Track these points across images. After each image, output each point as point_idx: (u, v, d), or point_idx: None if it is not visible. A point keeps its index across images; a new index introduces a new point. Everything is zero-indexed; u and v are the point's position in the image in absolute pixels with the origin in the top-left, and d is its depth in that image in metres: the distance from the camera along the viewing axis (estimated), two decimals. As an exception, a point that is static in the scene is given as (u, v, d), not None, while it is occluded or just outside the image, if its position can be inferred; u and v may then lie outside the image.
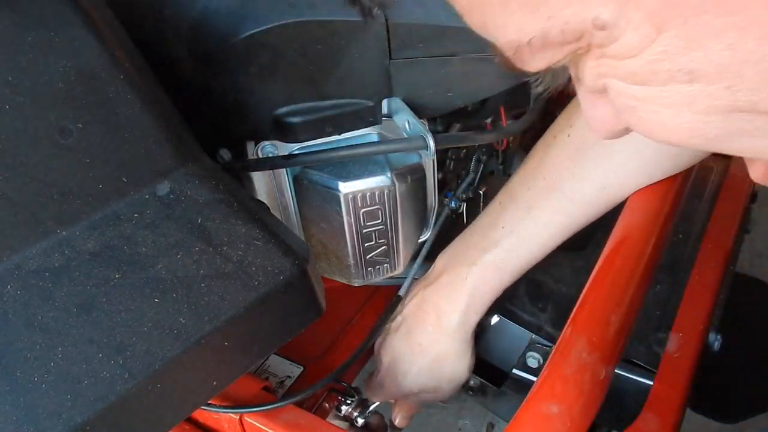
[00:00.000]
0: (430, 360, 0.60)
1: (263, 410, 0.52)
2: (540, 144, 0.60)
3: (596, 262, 0.58)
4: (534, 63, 0.26)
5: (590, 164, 0.56)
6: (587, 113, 0.30)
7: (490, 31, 0.26)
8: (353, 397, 0.63)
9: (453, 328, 0.59)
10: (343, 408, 0.63)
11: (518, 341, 0.66)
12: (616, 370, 0.55)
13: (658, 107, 0.25)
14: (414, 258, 0.64)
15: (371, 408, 0.63)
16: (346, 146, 0.52)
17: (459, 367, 0.61)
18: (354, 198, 0.53)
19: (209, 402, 0.52)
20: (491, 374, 0.65)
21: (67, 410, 0.35)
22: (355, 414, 0.63)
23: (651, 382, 0.56)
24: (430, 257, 0.64)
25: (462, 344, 0.60)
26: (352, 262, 0.57)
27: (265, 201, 0.56)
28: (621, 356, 0.55)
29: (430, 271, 0.62)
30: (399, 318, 0.63)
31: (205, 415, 0.56)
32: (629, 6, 0.22)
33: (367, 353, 0.76)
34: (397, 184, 0.54)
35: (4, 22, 0.34)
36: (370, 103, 0.52)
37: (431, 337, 0.60)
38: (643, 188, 0.58)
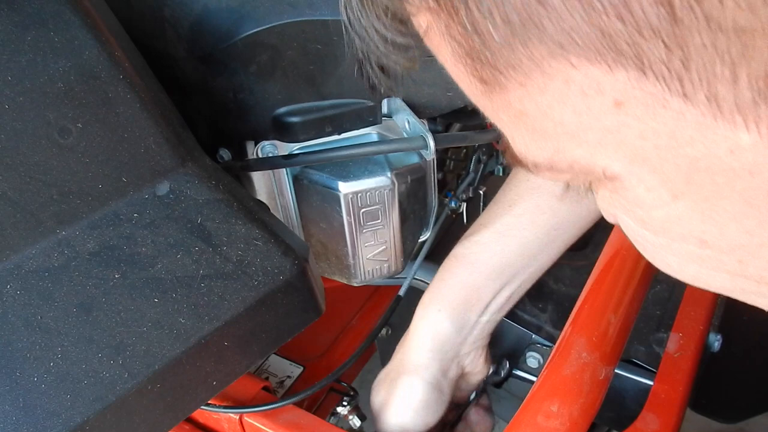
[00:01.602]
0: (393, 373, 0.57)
1: (263, 410, 0.52)
2: None
3: (596, 261, 0.58)
4: (544, 177, 0.25)
5: None
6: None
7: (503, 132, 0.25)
8: (351, 397, 0.63)
9: (415, 326, 0.56)
10: (339, 409, 0.63)
11: (518, 341, 0.66)
12: (616, 370, 0.55)
13: (666, 253, 0.24)
14: (414, 258, 0.64)
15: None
16: (346, 146, 0.52)
17: (418, 382, 0.55)
18: (354, 198, 0.53)
19: (209, 402, 0.52)
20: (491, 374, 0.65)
21: (66, 410, 0.35)
22: (350, 417, 0.63)
23: (651, 382, 0.56)
24: (430, 257, 0.64)
25: (422, 346, 0.56)
26: (352, 262, 0.57)
27: (265, 201, 0.55)
28: (621, 356, 0.55)
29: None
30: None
31: (205, 415, 0.56)
32: (644, 167, 0.21)
33: (367, 353, 0.76)
34: (397, 184, 0.54)
35: (4, 22, 0.34)
36: (370, 103, 0.52)
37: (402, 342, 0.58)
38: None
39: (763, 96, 0.17)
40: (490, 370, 0.62)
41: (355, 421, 0.64)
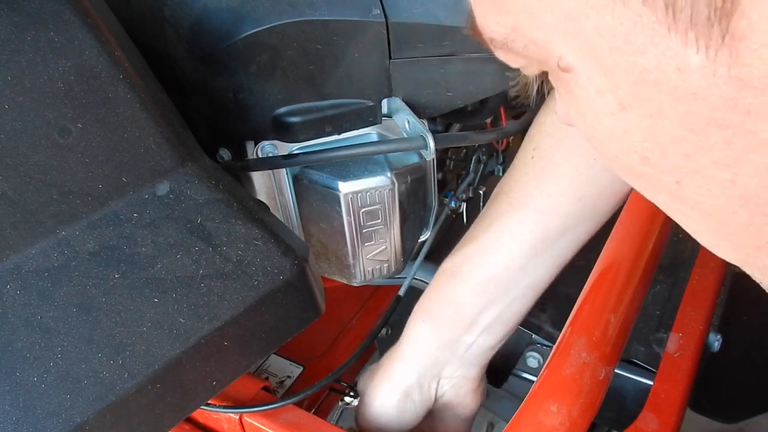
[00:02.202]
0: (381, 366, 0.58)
1: (263, 410, 0.52)
2: (508, 168, 0.57)
3: (596, 261, 0.58)
4: (499, 56, 0.25)
5: (562, 180, 0.52)
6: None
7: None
8: (352, 396, 0.63)
9: (407, 326, 0.56)
10: (340, 403, 0.63)
11: (518, 341, 0.66)
12: (616, 370, 0.55)
13: (612, 165, 0.25)
14: (414, 258, 0.64)
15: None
16: (346, 146, 0.52)
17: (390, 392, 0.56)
18: (354, 198, 0.53)
19: (209, 402, 0.52)
20: (491, 374, 0.65)
21: (66, 410, 0.35)
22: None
23: (651, 382, 0.56)
24: (430, 257, 0.64)
25: (405, 355, 0.56)
26: (352, 262, 0.57)
27: (265, 201, 0.55)
28: (621, 356, 0.55)
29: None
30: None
31: (205, 415, 0.56)
32: (597, 66, 0.21)
33: (367, 353, 0.76)
34: (396, 184, 0.54)
35: (4, 22, 0.34)
36: (370, 103, 0.52)
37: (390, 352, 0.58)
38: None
39: (719, 16, 0.17)
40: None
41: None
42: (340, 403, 0.65)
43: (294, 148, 0.53)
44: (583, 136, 0.25)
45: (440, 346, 0.55)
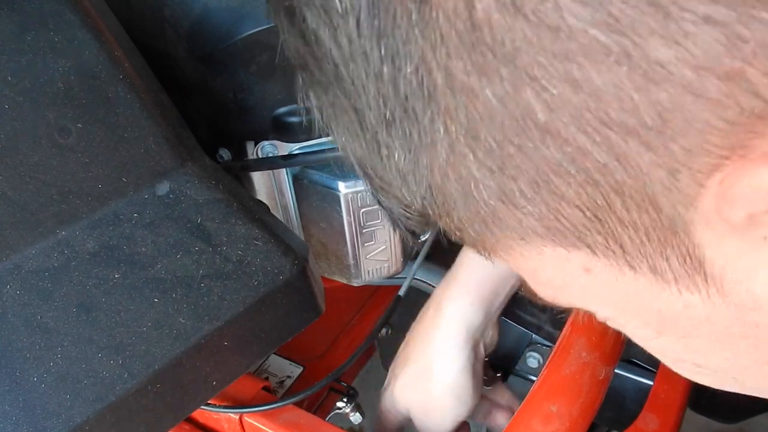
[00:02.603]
0: (424, 363, 0.58)
1: (263, 410, 0.52)
2: None
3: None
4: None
5: None
6: None
7: None
8: (350, 395, 0.63)
9: (446, 318, 0.56)
10: (339, 404, 0.63)
11: (518, 341, 0.66)
12: (616, 370, 0.55)
13: (675, 367, 0.29)
14: (414, 258, 0.64)
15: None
16: (346, 146, 0.52)
17: (455, 368, 0.56)
18: (354, 198, 0.53)
19: (209, 402, 0.52)
20: (491, 374, 0.65)
21: (66, 410, 0.35)
22: (352, 414, 0.63)
23: (651, 382, 0.56)
24: (430, 257, 0.64)
25: (457, 340, 0.56)
26: (352, 262, 0.57)
27: (265, 201, 0.55)
28: (621, 356, 0.55)
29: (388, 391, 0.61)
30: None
31: (205, 415, 0.56)
32: (627, 314, 0.24)
33: (367, 353, 0.76)
34: (397, 184, 0.54)
35: (4, 22, 0.34)
36: (370, 103, 0.52)
37: (426, 336, 0.58)
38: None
39: (693, 270, 0.20)
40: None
41: (357, 417, 0.64)
42: (338, 403, 0.65)
43: (294, 148, 0.53)
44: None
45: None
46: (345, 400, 0.62)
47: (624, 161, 0.18)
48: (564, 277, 0.24)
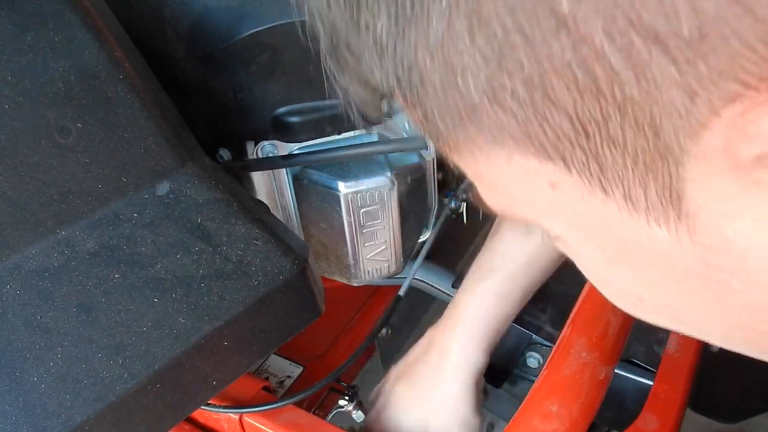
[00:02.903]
0: (430, 406, 0.58)
1: (263, 410, 0.52)
2: None
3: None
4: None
5: None
6: None
7: None
8: (353, 393, 0.63)
9: (453, 365, 0.56)
10: (341, 402, 0.63)
11: (518, 341, 0.66)
12: (616, 370, 0.55)
13: (613, 299, 0.27)
14: (414, 258, 0.64)
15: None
16: (346, 146, 0.52)
17: (463, 411, 0.57)
18: (354, 198, 0.53)
19: (209, 402, 0.52)
20: (491, 374, 0.65)
21: (66, 410, 0.35)
22: (354, 412, 0.63)
23: (651, 382, 0.56)
24: (430, 257, 0.64)
25: (464, 385, 0.56)
26: (351, 262, 0.57)
27: (265, 201, 0.55)
28: (621, 356, 0.55)
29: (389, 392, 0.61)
30: (401, 364, 0.61)
31: (205, 415, 0.56)
32: (581, 235, 0.23)
33: (366, 353, 0.76)
34: (396, 184, 0.54)
35: (4, 22, 0.34)
36: (370, 103, 0.52)
37: (431, 380, 0.58)
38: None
39: (670, 203, 0.19)
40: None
41: (359, 415, 0.64)
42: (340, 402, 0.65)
43: (294, 148, 0.53)
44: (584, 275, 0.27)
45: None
46: (347, 398, 0.62)
47: (640, 73, 0.16)
48: (526, 189, 0.22)
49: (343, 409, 0.63)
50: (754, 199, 0.17)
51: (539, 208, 0.23)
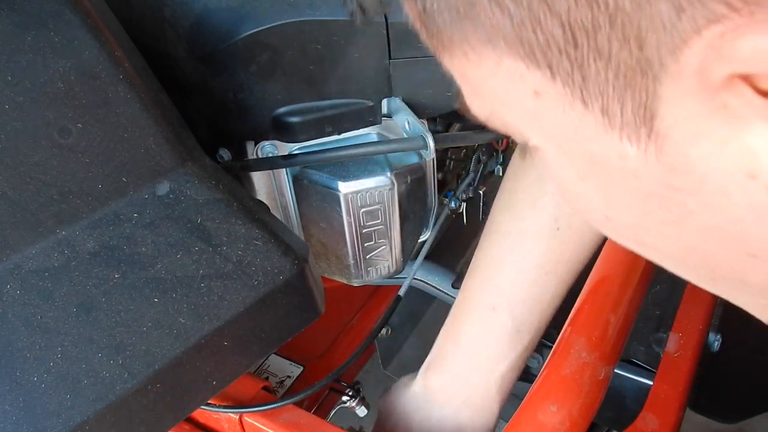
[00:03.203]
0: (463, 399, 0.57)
1: (263, 410, 0.52)
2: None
3: (596, 261, 0.58)
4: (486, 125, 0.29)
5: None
6: None
7: None
8: (357, 391, 0.63)
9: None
10: (344, 398, 0.63)
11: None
12: (616, 370, 0.55)
13: (584, 217, 0.29)
14: (414, 258, 0.64)
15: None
16: (346, 146, 0.52)
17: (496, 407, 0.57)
18: (354, 198, 0.53)
19: (209, 402, 0.52)
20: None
21: (66, 410, 0.35)
22: (357, 407, 0.63)
23: (651, 382, 0.56)
24: (430, 257, 0.64)
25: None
26: (351, 262, 0.57)
27: (265, 201, 0.56)
28: (621, 356, 0.55)
29: (424, 391, 0.59)
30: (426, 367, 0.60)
31: (205, 415, 0.56)
32: (558, 149, 0.25)
33: (367, 353, 0.76)
34: (396, 184, 0.54)
35: (4, 22, 0.34)
36: (370, 103, 0.52)
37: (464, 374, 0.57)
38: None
39: (643, 120, 0.20)
40: None
41: (362, 410, 0.64)
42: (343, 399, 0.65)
43: (294, 148, 0.53)
44: (558, 193, 0.29)
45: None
46: (350, 393, 0.63)
47: None
48: (512, 95, 0.24)
49: (346, 405, 0.64)
50: (718, 123, 0.19)
51: (521, 116, 0.25)
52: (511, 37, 0.21)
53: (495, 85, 0.24)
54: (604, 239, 0.57)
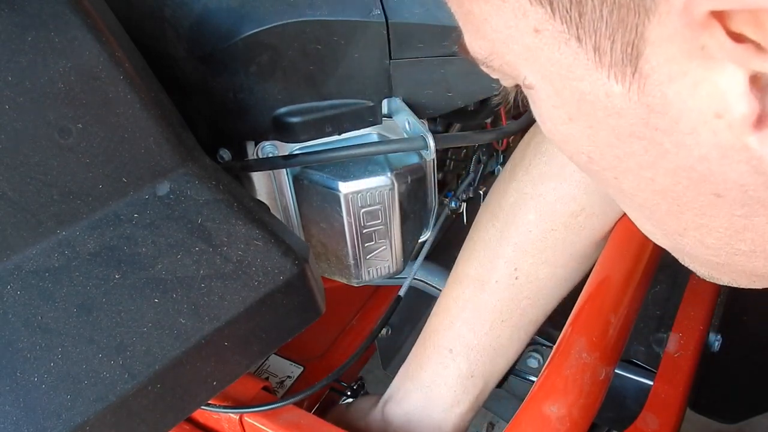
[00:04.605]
0: None
1: (263, 410, 0.52)
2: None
3: (596, 262, 0.58)
4: (483, 69, 0.30)
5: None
6: None
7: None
8: (360, 386, 0.63)
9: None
10: (349, 396, 0.63)
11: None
12: (616, 370, 0.55)
13: (570, 160, 0.31)
14: (414, 258, 0.64)
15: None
16: (346, 146, 0.52)
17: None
18: (354, 198, 0.53)
19: (209, 402, 0.52)
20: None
21: (66, 410, 0.35)
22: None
23: (651, 382, 0.56)
24: (430, 257, 0.64)
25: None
26: (352, 262, 0.57)
27: (265, 201, 0.55)
28: (621, 356, 0.55)
29: (377, 416, 0.60)
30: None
31: (205, 415, 0.56)
32: (551, 87, 0.26)
33: (367, 353, 0.76)
34: (396, 184, 0.54)
35: (4, 22, 0.34)
36: (370, 103, 0.52)
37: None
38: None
39: (629, 60, 0.22)
40: None
41: None
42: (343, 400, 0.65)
43: (294, 148, 0.53)
44: (547, 137, 0.30)
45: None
46: (355, 388, 0.63)
47: None
48: (513, 32, 0.25)
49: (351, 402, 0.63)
50: (696, 64, 0.21)
51: (519, 53, 0.26)
52: None
53: (498, 22, 0.25)
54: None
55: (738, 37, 0.19)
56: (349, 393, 0.64)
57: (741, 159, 0.22)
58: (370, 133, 0.55)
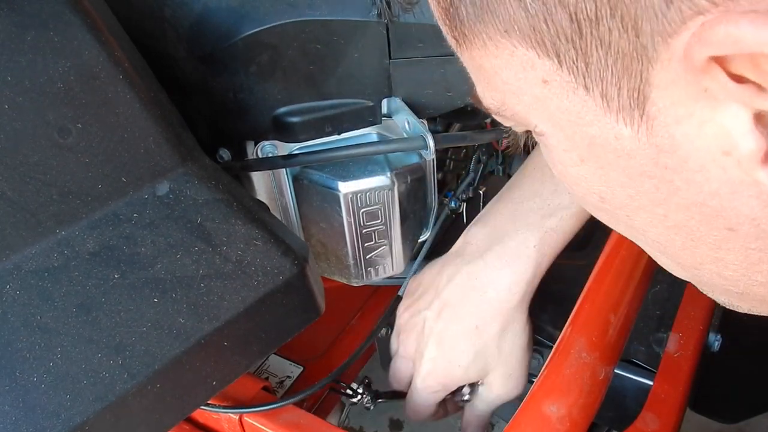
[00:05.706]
0: (492, 340, 0.55)
1: (263, 410, 0.52)
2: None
3: (596, 261, 0.58)
4: (495, 118, 0.31)
5: None
6: None
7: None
8: (367, 385, 0.63)
9: (518, 300, 0.54)
10: (355, 399, 0.63)
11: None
12: (616, 370, 0.55)
13: (581, 202, 0.32)
14: (414, 258, 0.64)
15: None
16: (346, 146, 0.52)
17: (524, 341, 0.56)
18: (354, 198, 0.53)
19: (209, 402, 0.52)
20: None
21: (66, 410, 0.35)
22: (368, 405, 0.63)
23: (651, 382, 0.56)
24: (430, 257, 0.64)
25: (524, 316, 0.56)
26: (351, 262, 0.57)
27: (265, 201, 0.55)
28: (621, 356, 0.55)
29: (461, 247, 0.57)
30: (434, 303, 0.57)
31: (205, 415, 0.56)
32: (562, 133, 0.27)
33: (367, 353, 0.76)
34: (396, 184, 0.54)
35: (4, 22, 0.34)
36: (370, 103, 0.52)
37: (490, 314, 0.54)
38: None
39: (636, 104, 0.23)
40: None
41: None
42: (346, 401, 0.65)
43: (294, 148, 0.53)
44: (558, 179, 0.32)
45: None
46: (361, 390, 0.62)
47: None
48: (523, 83, 0.26)
49: (356, 403, 0.63)
50: (701, 105, 0.21)
51: (530, 103, 0.27)
52: (525, 28, 0.23)
53: (508, 75, 0.26)
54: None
55: (739, 79, 0.20)
56: (360, 391, 0.63)
57: (751, 194, 0.23)
58: (369, 133, 0.55)
